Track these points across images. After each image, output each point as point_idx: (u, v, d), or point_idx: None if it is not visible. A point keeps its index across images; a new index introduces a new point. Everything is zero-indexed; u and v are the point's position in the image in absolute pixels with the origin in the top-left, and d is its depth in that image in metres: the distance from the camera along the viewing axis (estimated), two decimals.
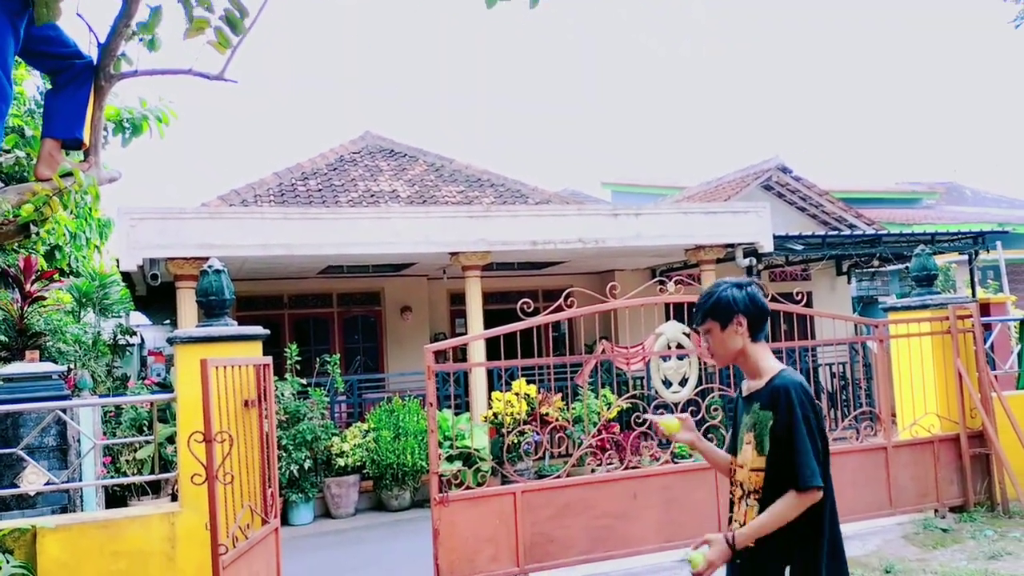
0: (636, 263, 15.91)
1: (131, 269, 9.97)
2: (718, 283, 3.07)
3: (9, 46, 3.28)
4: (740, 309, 2.95)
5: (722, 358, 3.03)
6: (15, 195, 3.45)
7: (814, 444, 2.77)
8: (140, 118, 4.86)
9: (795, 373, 2.91)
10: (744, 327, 2.96)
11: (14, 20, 3.26)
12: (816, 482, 2.72)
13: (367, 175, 15.49)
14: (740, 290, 2.99)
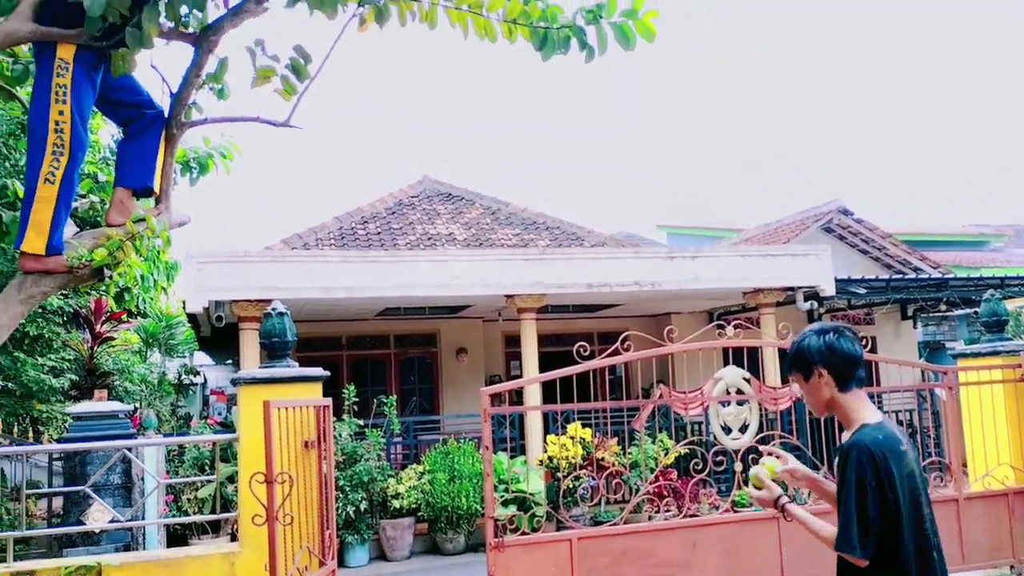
0: (693, 306, 15.74)
1: (197, 311, 10.24)
2: (804, 331, 2.97)
3: (88, 97, 3.44)
4: (818, 359, 2.83)
5: (815, 408, 2.93)
6: (90, 240, 3.59)
7: (862, 511, 2.63)
8: (206, 157, 5.02)
9: (878, 429, 2.74)
10: (826, 377, 2.83)
11: (91, 72, 3.43)
12: (845, 550, 2.65)
13: (425, 219, 15.72)
14: (820, 338, 2.86)
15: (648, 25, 3.54)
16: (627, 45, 3.57)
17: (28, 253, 3.40)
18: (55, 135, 3.31)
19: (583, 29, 3.58)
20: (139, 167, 3.63)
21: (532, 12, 3.55)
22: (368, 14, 3.44)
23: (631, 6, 3.53)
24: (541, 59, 3.61)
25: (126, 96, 3.61)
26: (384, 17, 3.43)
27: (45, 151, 3.33)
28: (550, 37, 3.56)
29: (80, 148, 3.39)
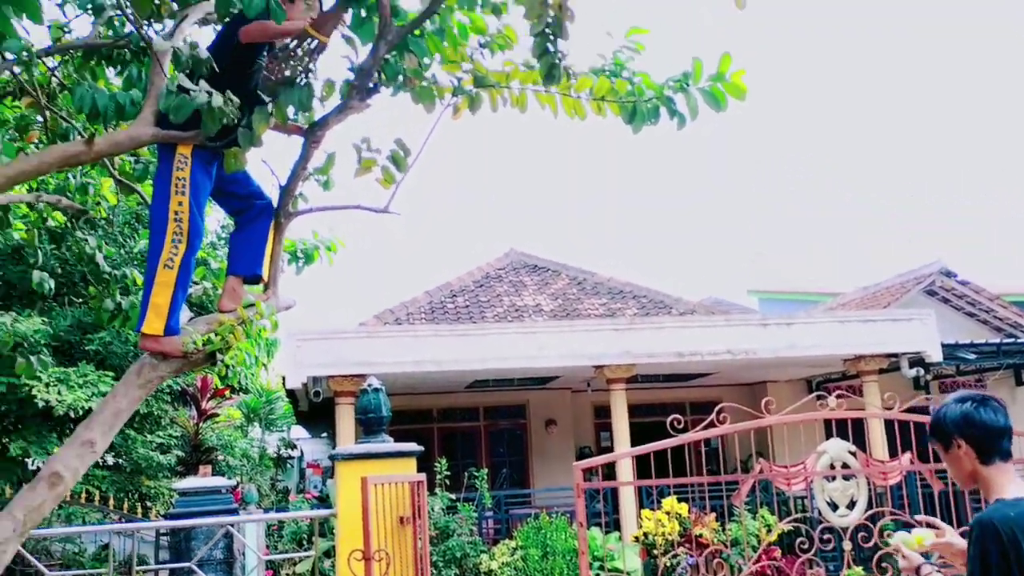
0: (790, 374, 15.28)
1: (296, 387, 10.55)
2: (946, 399, 2.85)
3: (205, 189, 3.68)
4: (955, 430, 2.70)
5: (958, 481, 2.79)
6: (204, 325, 3.77)
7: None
8: (312, 248, 5.26)
9: (1013, 505, 2.58)
10: (965, 448, 2.69)
11: (208, 166, 3.67)
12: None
13: (512, 290, 15.88)
14: (959, 407, 2.73)
15: (738, 84, 3.56)
16: (718, 107, 3.59)
17: (147, 334, 3.60)
18: (174, 224, 3.54)
19: (672, 98, 3.62)
20: (249, 256, 3.82)
21: (619, 88, 3.62)
22: (461, 103, 3.58)
23: (717, 69, 3.56)
24: (632, 131, 3.66)
25: (238, 188, 3.83)
26: (476, 104, 3.56)
27: (165, 239, 3.56)
28: (639, 109, 3.61)
29: (197, 237, 3.61)
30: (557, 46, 3.29)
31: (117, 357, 10.63)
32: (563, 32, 3.26)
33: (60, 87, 4.81)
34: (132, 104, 3.87)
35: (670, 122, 3.57)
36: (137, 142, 3.72)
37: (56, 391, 9.28)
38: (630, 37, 3.54)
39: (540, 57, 3.29)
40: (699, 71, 3.49)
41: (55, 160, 3.44)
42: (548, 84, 3.39)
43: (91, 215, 5.30)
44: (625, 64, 3.54)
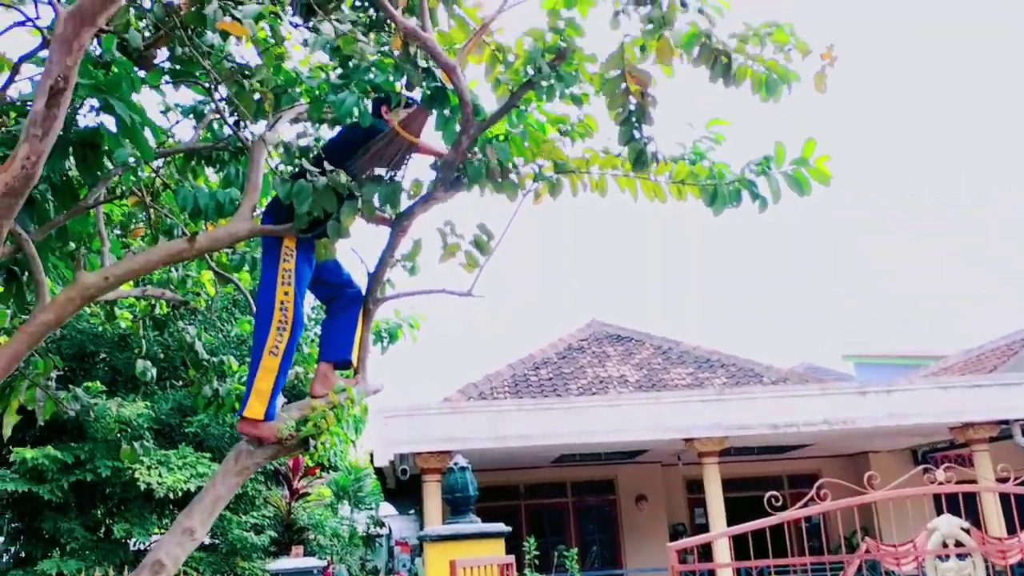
0: (893, 443, 14.57)
1: (383, 464, 10.63)
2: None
3: (307, 279, 3.84)
4: None
5: None
6: (297, 411, 3.88)
7: None
8: (395, 327, 5.37)
9: None
10: None
11: (308, 257, 3.83)
12: None
13: (595, 362, 15.76)
14: None
15: (823, 170, 3.54)
16: (801, 192, 3.57)
17: (247, 418, 3.72)
18: (280, 313, 3.70)
19: (754, 182, 3.61)
20: (340, 342, 3.94)
21: (700, 172, 3.64)
22: (542, 188, 3.66)
23: (802, 154, 3.55)
24: (712, 214, 3.66)
25: (331, 277, 3.99)
26: (557, 190, 3.63)
27: (271, 327, 3.71)
28: (720, 193, 3.62)
29: (300, 325, 3.75)
30: (643, 132, 3.34)
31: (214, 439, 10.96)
32: (647, 118, 3.32)
33: (163, 186, 5.11)
34: (230, 202, 4.08)
35: (752, 205, 3.56)
36: (235, 237, 3.92)
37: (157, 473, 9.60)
38: (711, 128, 3.57)
39: (627, 144, 3.35)
40: (781, 155, 3.49)
41: (160, 258, 3.64)
42: (637, 170, 3.44)
43: (191, 305, 5.56)
44: (705, 154, 3.57)
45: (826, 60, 3.29)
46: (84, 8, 2.40)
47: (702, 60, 3.19)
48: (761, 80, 3.26)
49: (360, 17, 4.11)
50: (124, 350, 10.95)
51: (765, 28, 3.24)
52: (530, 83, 3.38)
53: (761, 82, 3.26)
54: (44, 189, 3.48)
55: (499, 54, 3.54)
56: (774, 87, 3.27)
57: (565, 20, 3.35)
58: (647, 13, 3.10)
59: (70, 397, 5.27)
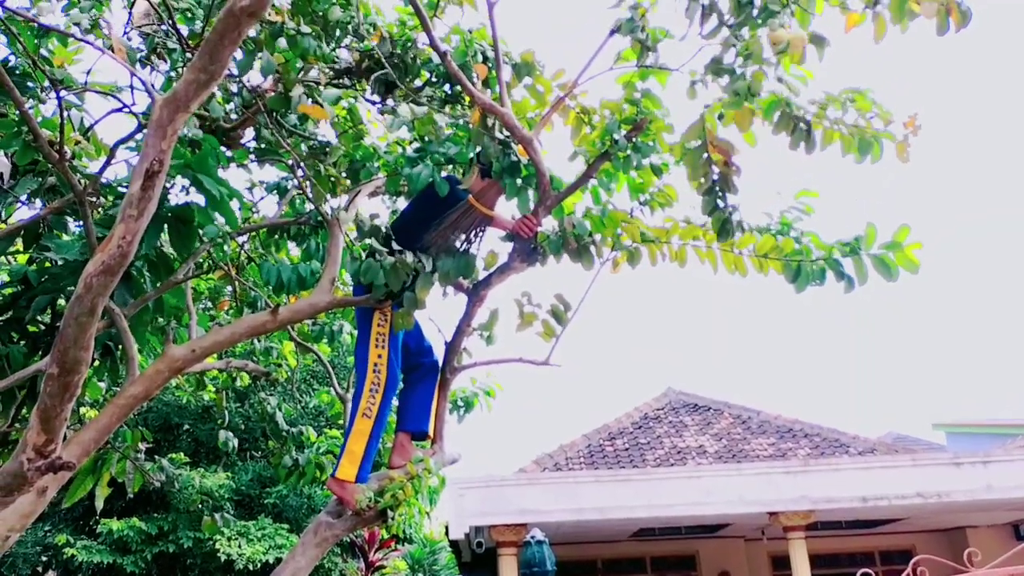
0: (993, 518, 13.71)
1: (459, 537, 10.50)
2: None
3: (397, 345, 3.90)
4: None
5: None
6: (375, 482, 3.88)
7: None
8: (472, 396, 5.37)
9: None
10: None
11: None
12: None
13: (672, 431, 15.39)
14: None
15: (911, 258, 3.42)
16: (889, 276, 3.47)
17: (338, 479, 3.74)
18: (373, 375, 3.75)
19: (840, 261, 3.52)
20: (418, 413, 3.96)
21: (785, 247, 3.57)
22: (620, 257, 3.65)
23: (893, 238, 3.44)
24: (795, 290, 3.57)
25: (412, 346, 4.03)
26: (635, 260, 3.62)
27: (363, 389, 3.75)
28: (803, 270, 3.53)
29: (392, 387, 3.80)
30: (727, 201, 3.32)
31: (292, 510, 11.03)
32: (731, 187, 3.30)
33: (248, 260, 5.28)
34: (312, 274, 4.19)
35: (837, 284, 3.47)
36: (316, 309, 4.00)
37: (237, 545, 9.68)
38: (800, 199, 3.53)
39: (710, 214, 3.33)
40: (872, 236, 3.41)
41: (244, 331, 3.74)
42: (721, 240, 3.41)
43: (273, 376, 5.68)
44: (792, 224, 3.52)
45: (909, 128, 3.23)
46: (179, 95, 2.53)
47: (781, 127, 3.17)
48: (851, 141, 3.21)
49: (436, 92, 4.24)
50: (207, 421, 11.20)
51: (846, 94, 3.21)
52: (607, 154, 3.40)
53: (851, 143, 3.21)
54: (141, 265, 3.64)
55: (584, 116, 3.58)
56: (866, 147, 3.21)
57: (641, 91, 3.38)
58: (729, 84, 3.11)
59: (156, 468, 5.40)
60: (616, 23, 3.34)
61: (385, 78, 4.14)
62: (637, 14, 3.38)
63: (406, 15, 4.28)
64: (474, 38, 4.02)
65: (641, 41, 3.34)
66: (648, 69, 3.41)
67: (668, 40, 3.41)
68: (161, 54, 4.34)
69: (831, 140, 3.27)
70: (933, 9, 2.74)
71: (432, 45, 3.46)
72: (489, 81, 3.93)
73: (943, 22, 2.76)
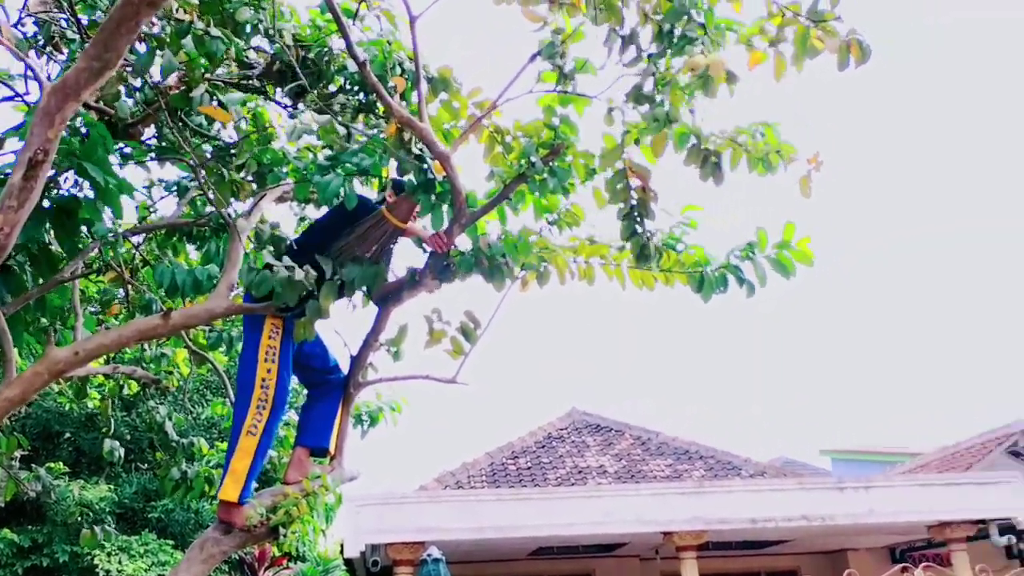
0: (872, 541, 14.34)
1: (354, 555, 10.26)
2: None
3: (290, 359, 3.75)
4: None
5: None
6: (269, 498, 3.74)
7: None
8: (377, 410, 5.26)
9: None
10: None
11: (291, 338, 3.76)
12: None
13: (574, 451, 15.54)
14: None
15: (806, 251, 3.58)
16: (786, 274, 3.60)
17: (224, 501, 3.58)
18: (261, 391, 3.59)
19: (739, 267, 3.64)
20: (319, 428, 3.84)
21: (686, 260, 3.66)
22: (529, 276, 3.65)
23: (783, 238, 3.59)
24: (702, 300, 3.66)
25: (316, 362, 3.91)
26: (544, 279, 3.62)
27: (250, 405, 3.60)
28: (707, 279, 3.63)
29: (282, 405, 3.65)
30: (644, 226, 3.38)
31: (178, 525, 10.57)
32: (649, 212, 3.36)
33: (143, 262, 5.05)
34: (209, 278, 4.03)
35: (739, 290, 3.57)
36: (212, 315, 3.85)
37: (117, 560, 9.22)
38: (685, 213, 3.63)
39: (628, 239, 3.39)
40: (764, 240, 3.54)
41: (133, 335, 3.56)
42: (641, 264, 3.47)
43: (163, 384, 5.43)
44: (680, 238, 3.61)
45: (812, 165, 3.36)
46: (69, 83, 2.40)
47: (692, 159, 3.25)
48: (757, 158, 3.32)
49: (350, 100, 4.16)
50: (90, 430, 10.64)
51: (756, 127, 3.31)
52: (523, 176, 3.41)
53: (758, 160, 3.32)
54: (22, 260, 3.42)
55: (497, 136, 3.58)
56: (771, 164, 3.33)
57: (560, 117, 3.41)
58: (647, 112, 3.17)
59: (32, 477, 5.09)
60: (538, 46, 3.36)
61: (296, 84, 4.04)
62: (559, 40, 3.41)
63: (321, 19, 4.19)
64: (393, 49, 3.97)
65: (560, 67, 3.37)
66: (568, 95, 3.45)
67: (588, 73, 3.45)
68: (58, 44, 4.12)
69: (738, 159, 3.38)
70: (836, 45, 2.87)
71: (350, 53, 3.39)
72: (406, 94, 3.88)
73: (843, 58, 2.89)
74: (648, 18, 3.23)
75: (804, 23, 2.91)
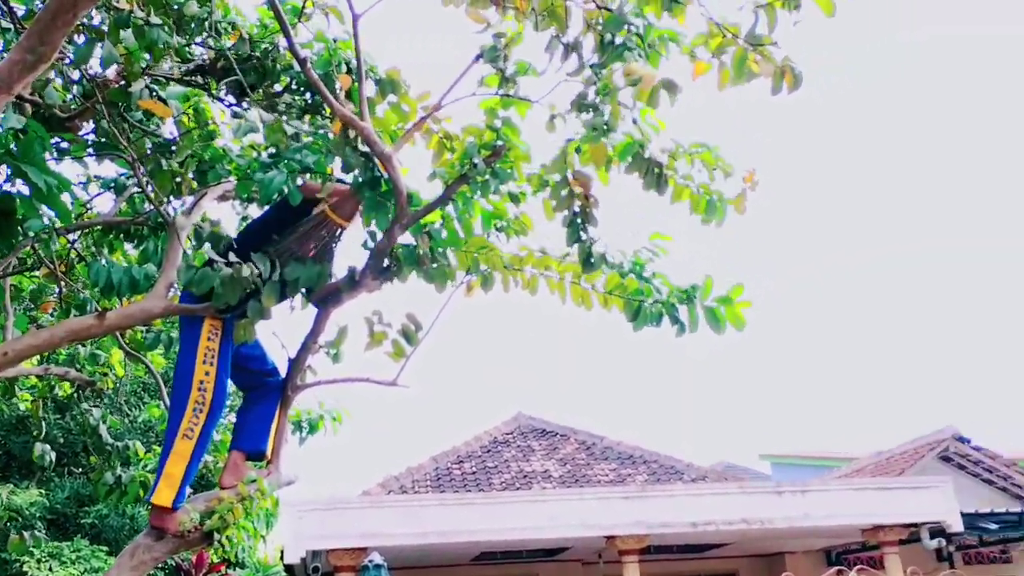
0: (808, 544, 14.65)
1: (295, 561, 10.11)
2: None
3: (229, 361, 3.68)
4: None
5: None
6: (203, 503, 3.67)
7: None
8: (317, 418, 5.20)
9: None
10: None
11: (230, 339, 3.69)
12: None
13: (520, 456, 15.56)
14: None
15: (739, 315, 3.62)
16: (717, 329, 3.65)
17: (156, 505, 3.50)
18: (198, 393, 3.51)
19: (676, 307, 3.68)
20: (256, 432, 3.78)
21: (629, 285, 3.69)
22: (475, 281, 3.65)
23: (727, 292, 3.62)
24: (632, 329, 3.69)
25: (254, 365, 3.84)
26: (489, 284, 3.63)
27: (187, 408, 3.51)
28: (643, 311, 3.67)
29: (219, 408, 3.58)
30: (588, 233, 3.41)
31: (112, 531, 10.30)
32: (591, 219, 3.38)
33: (79, 259, 4.92)
34: (146, 278, 3.95)
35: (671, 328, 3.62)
36: (149, 315, 3.77)
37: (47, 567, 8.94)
38: (653, 240, 3.66)
39: (573, 244, 3.41)
40: (708, 289, 3.59)
41: (66, 334, 3.47)
42: (587, 271, 3.49)
43: (98, 386, 5.29)
44: (645, 264, 3.64)
45: (748, 183, 3.43)
46: (1, 75, 2.32)
47: (635, 168, 3.29)
48: (699, 202, 3.37)
49: (296, 99, 4.11)
50: (21, 433, 10.30)
51: (695, 148, 3.37)
52: (465, 177, 3.41)
53: (700, 204, 3.37)
54: None
55: (447, 142, 3.58)
56: (713, 210, 3.38)
57: (502, 119, 3.41)
58: (589, 120, 3.20)
59: None
60: (480, 49, 3.37)
61: (240, 81, 3.98)
62: (501, 43, 3.42)
63: (268, 17, 4.14)
64: (339, 48, 3.94)
65: (502, 71, 3.38)
66: (510, 99, 3.46)
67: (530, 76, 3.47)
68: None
69: (680, 198, 3.41)
70: (770, 70, 2.94)
71: (292, 50, 3.35)
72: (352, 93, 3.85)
73: (777, 83, 2.97)
74: (591, 28, 3.27)
75: (743, 45, 2.97)
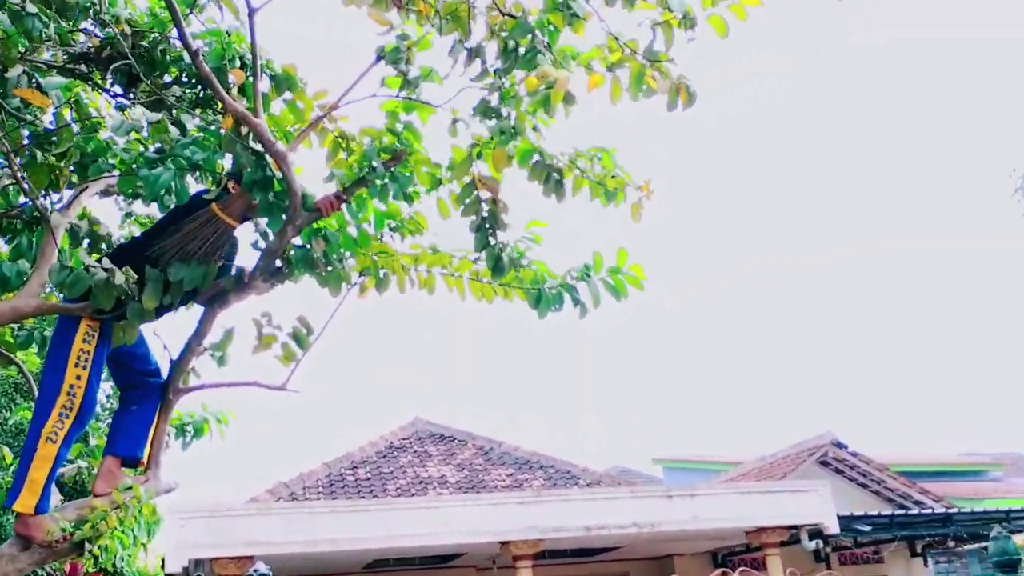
0: (696, 547, 15.11)
1: (176, 571, 9.72)
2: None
3: (102, 365, 3.50)
4: None
5: None
6: (74, 511, 3.48)
7: None
8: (201, 421, 5.00)
9: None
10: None
11: (107, 341, 3.51)
12: None
13: (416, 461, 15.45)
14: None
15: (638, 276, 3.73)
16: (618, 297, 3.74)
17: (18, 513, 3.31)
18: (67, 397, 3.33)
19: (574, 287, 3.75)
20: (133, 436, 3.61)
21: (524, 276, 3.73)
22: (368, 282, 3.60)
23: (616, 263, 3.73)
24: (537, 316, 3.73)
25: (136, 363, 3.66)
26: (384, 285, 3.58)
27: (52, 411, 3.33)
28: (544, 296, 3.72)
29: (89, 414, 3.41)
30: (497, 238, 3.41)
31: None
32: (500, 224, 3.39)
33: None
34: (18, 275, 3.73)
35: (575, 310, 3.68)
36: (20, 314, 3.57)
37: None
38: (530, 229, 3.70)
39: (482, 250, 3.41)
40: (599, 263, 3.67)
41: None
42: (496, 277, 3.51)
43: None
44: (524, 253, 3.68)
45: (643, 192, 3.53)
46: None
47: (535, 176, 3.32)
48: (598, 188, 3.43)
49: (186, 93, 3.97)
50: None
51: (594, 152, 3.43)
52: (363, 180, 3.36)
53: (598, 190, 3.44)
54: None
55: (342, 141, 3.52)
56: (613, 195, 3.45)
57: (404, 123, 3.39)
58: (493, 125, 3.21)
59: None
60: (378, 50, 3.33)
61: (128, 70, 3.81)
62: (404, 46, 3.39)
63: (159, 6, 3.98)
64: (232, 41, 3.82)
65: (404, 74, 3.35)
66: (412, 103, 3.43)
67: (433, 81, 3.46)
68: None
69: (580, 187, 3.48)
70: (667, 87, 3.03)
71: (183, 42, 3.23)
72: (245, 89, 3.74)
73: (673, 99, 3.06)
74: (495, 34, 3.28)
75: (640, 61, 3.05)
